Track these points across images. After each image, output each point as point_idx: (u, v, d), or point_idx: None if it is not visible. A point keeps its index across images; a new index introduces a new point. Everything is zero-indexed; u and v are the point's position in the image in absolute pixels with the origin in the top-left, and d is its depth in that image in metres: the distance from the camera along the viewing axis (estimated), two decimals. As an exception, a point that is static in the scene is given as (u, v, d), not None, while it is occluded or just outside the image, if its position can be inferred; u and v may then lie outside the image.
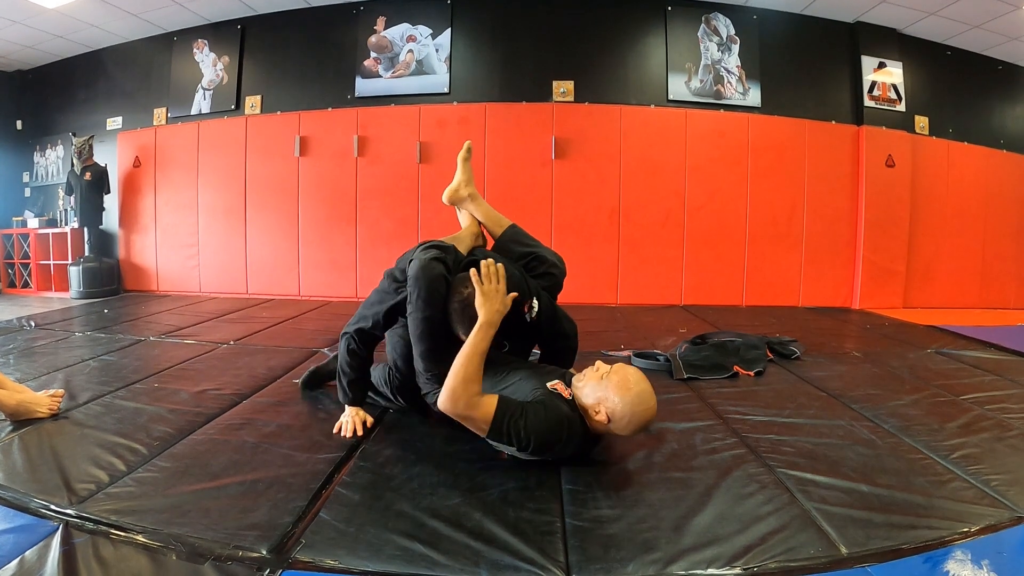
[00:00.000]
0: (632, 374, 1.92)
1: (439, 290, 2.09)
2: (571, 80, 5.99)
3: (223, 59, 6.53)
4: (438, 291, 2.08)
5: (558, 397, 1.95)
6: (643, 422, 1.91)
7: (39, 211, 7.42)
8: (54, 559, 1.37)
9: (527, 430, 1.82)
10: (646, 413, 1.89)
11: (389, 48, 6.18)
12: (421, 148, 6.04)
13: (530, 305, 2.19)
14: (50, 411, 2.32)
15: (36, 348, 3.65)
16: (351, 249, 6.22)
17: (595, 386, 1.92)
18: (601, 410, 1.89)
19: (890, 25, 6.05)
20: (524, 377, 2.06)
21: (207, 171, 6.54)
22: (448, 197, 2.68)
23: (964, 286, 6.39)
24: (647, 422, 1.92)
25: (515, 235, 2.56)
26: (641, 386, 1.90)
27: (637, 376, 1.92)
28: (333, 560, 1.40)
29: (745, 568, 1.39)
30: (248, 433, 2.22)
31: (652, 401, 1.90)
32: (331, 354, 3.12)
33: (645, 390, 1.90)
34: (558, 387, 1.99)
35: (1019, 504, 1.69)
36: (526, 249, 2.50)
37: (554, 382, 2.01)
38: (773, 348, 3.62)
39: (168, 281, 6.72)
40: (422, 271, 2.09)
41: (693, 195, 5.97)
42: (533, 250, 2.49)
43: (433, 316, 2.09)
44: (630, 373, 1.93)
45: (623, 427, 1.89)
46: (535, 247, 2.51)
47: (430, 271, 2.09)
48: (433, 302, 2.08)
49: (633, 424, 1.89)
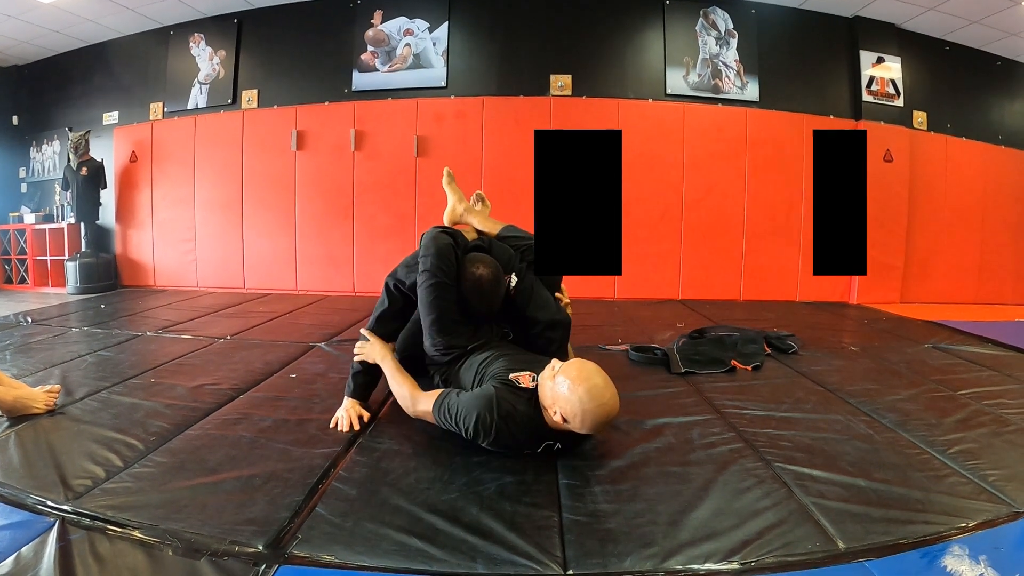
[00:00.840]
0: (583, 370, 1.85)
1: (448, 257, 2.27)
2: (569, 74, 5.97)
3: (219, 53, 6.50)
4: (447, 258, 2.26)
5: (510, 388, 1.96)
6: (600, 419, 1.82)
7: (35, 207, 7.40)
8: (50, 555, 1.37)
9: (459, 416, 1.93)
10: (599, 410, 1.80)
11: (386, 42, 6.16)
12: (418, 142, 6.03)
13: (509, 279, 2.36)
14: (46, 407, 2.31)
15: (32, 344, 3.64)
16: (348, 244, 6.21)
17: (549, 385, 1.88)
18: (556, 410, 1.84)
19: (889, 20, 6.04)
20: (500, 366, 2.11)
21: (204, 166, 6.51)
22: (449, 219, 2.85)
23: (962, 281, 6.39)
24: (605, 419, 1.84)
25: (510, 232, 2.69)
26: (592, 381, 1.82)
27: (588, 371, 1.85)
28: (329, 555, 1.40)
29: (743, 563, 1.39)
30: (245, 428, 2.22)
31: (605, 396, 1.82)
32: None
33: (597, 385, 1.82)
34: (521, 378, 1.99)
35: (1017, 499, 1.69)
36: (522, 242, 2.61)
37: (521, 373, 2.02)
38: (771, 342, 3.62)
39: (165, 276, 6.70)
40: (432, 241, 2.29)
41: (691, 189, 5.96)
42: (528, 242, 2.59)
43: (442, 282, 2.25)
44: (581, 369, 1.86)
45: (579, 426, 1.83)
46: (530, 239, 2.60)
47: (440, 241, 2.28)
48: (443, 268, 2.25)
49: (588, 422, 1.81)
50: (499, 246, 2.54)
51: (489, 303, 2.35)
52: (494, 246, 2.54)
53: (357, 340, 2.47)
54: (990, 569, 1.36)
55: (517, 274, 2.39)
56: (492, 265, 2.35)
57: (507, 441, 1.91)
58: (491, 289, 2.32)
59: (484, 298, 2.33)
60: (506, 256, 2.48)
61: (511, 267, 2.42)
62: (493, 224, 2.72)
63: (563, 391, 1.82)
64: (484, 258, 2.37)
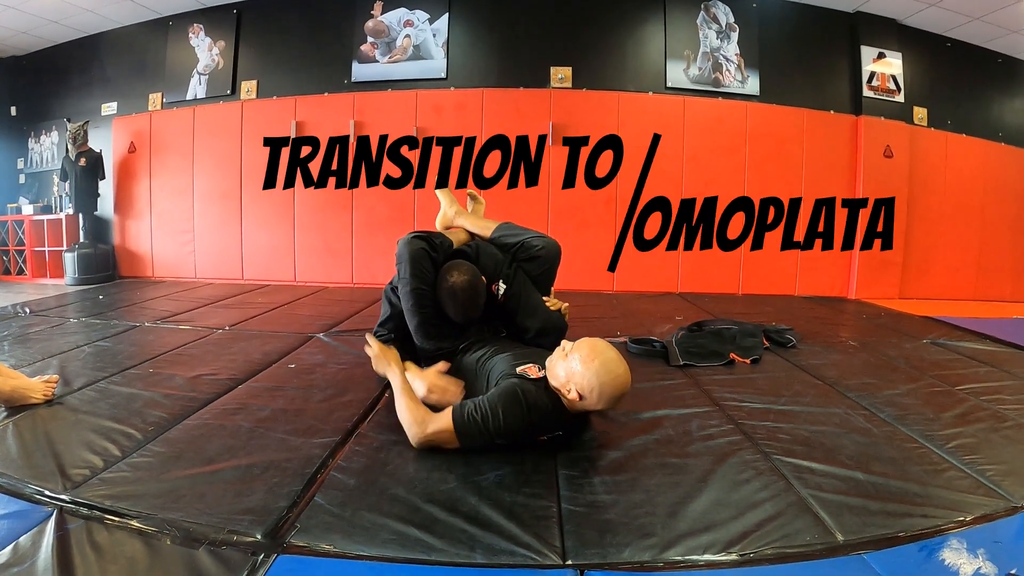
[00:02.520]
0: (595, 346, 1.91)
1: (421, 263, 2.30)
2: (569, 66, 5.96)
3: (219, 44, 6.47)
4: (420, 264, 2.30)
5: (524, 379, 1.96)
6: (615, 393, 1.88)
7: (34, 198, 7.37)
8: (48, 545, 1.36)
9: (490, 419, 1.83)
10: (615, 382, 1.86)
11: (386, 33, 6.13)
12: (418, 133, 6.01)
13: (497, 287, 2.37)
14: (44, 397, 2.31)
15: (31, 334, 3.64)
16: (347, 235, 6.20)
17: (561, 364, 1.92)
18: (571, 388, 1.87)
19: (890, 15, 6.02)
20: (500, 360, 2.12)
21: (202, 156, 6.49)
22: (441, 224, 2.88)
23: (960, 278, 6.39)
24: (620, 392, 1.89)
25: (503, 231, 2.68)
26: (606, 355, 1.88)
27: (601, 347, 1.91)
28: (328, 545, 1.40)
29: (741, 554, 1.39)
30: (243, 418, 2.21)
31: (620, 369, 1.88)
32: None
33: (611, 359, 1.88)
34: (528, 370, 2.01)
35: (1014, 494, 1.69)
36: (514, 240, 2.61)
37: (526, 365, 2.04)
38: (769, 336, 3.62)
39: (163, 267, 6.69)
40: (405, 247, 2.33)
41: (690, 183, 5.94)
42: (520, 239, 2.60)
43: (419, 288, 2.29)
44: (593, 345, 1.91)
45: (595, 401, 1.87)
46: (522, 235, 2.61)
47: (412, 247, 2.33)
48: (418, 274, 2.29)
49: (605, 397, 1.86)
50: (487, 252, 2.52)
51: (465, 311, 2.35)
52: (481, 252, 2.51)
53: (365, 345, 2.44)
54: (988, 563, 1.36)
55: (505, 280, 2.39)
56: (468, 272, 2.34)
57: (534, 432, 1.92)
58: (466, 298, 2.32)
59: (459, 307, 2.33)
60: (493, 262, 2.47)
61: (499, 274, 2.42)
62: (486, 225, 2.71)
63: (578, 367, 1.86)
64: (461, 265, 2.37)
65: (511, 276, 2.44)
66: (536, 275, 2.58)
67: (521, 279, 2.46)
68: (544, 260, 2.57)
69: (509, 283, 2.41)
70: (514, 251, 2.57)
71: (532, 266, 2.57)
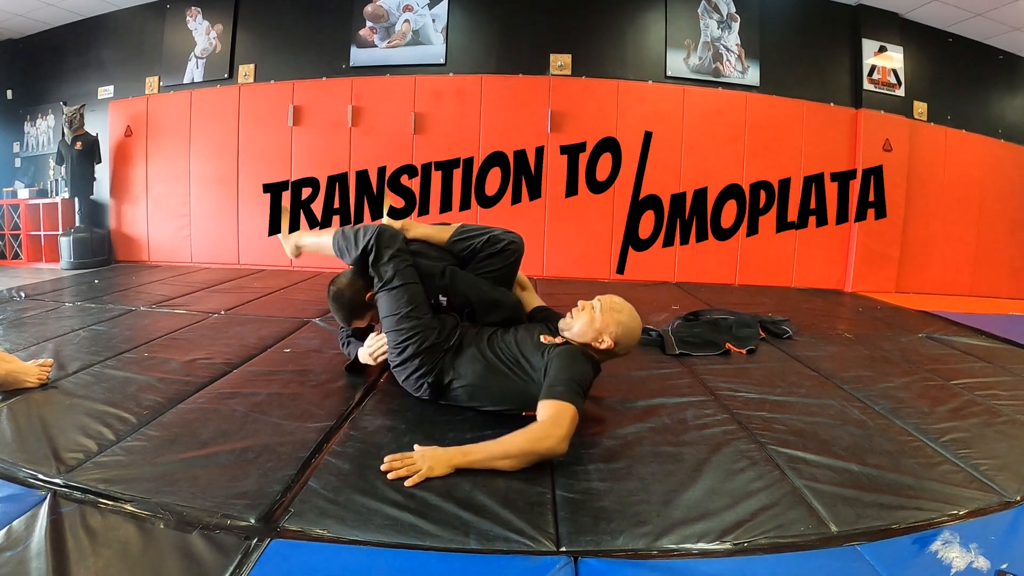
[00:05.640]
0: (615, 299, 2.15)
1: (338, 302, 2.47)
2: (569, 53, 5.92)
3: (216, 27, 6.41)
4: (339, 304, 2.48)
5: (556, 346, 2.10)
6: (636, 337, 2.17)
7: (29, 181, 7.32)
8: (42, 528, 1.36)
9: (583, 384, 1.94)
10: (638, 327, 2.16)
11: (385, 17, 6.09)
12: (416, 119, 5.98)
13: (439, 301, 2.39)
14: (39, 381, 2.30)
15: (26, 318, 3.62)
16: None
17: (589, 320, 2.08)
18: (605, 339, 2.05)
19: (892, 9, 5.99)
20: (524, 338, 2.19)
21: (199, 140, 6.44)
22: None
23: (957, 273, 6.40)
24: (638, 335, 2.19)
25: (461, 233, 2.60)
26: (627, 306, 2.14)
27: (619, 299, 2.16)
28: (322, 529, 1.40)
29: (735, 543, 1.40)
30: (238, 402, 2.21)
31: (637, 315, 2.15)
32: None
33: (630, 307, 2.15)
34: (547, 339, 2.15)
35: (1007, 489, 1.70)
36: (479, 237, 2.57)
37: (542, 335, 2.18)
38: (766, 327, 3.62)
39: (159, 251, 6.66)
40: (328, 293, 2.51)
41: (689, 172, 5.93)
42: (487, 234, 2.57)
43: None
44: (612, 298, 2.15)
45: (625, 346, 2.12)
46: (488, 231, 2.58)
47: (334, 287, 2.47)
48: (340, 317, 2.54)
49: (631, 340, 2.13)
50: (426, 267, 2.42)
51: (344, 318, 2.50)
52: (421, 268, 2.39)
53: None
54: (980, 557, 1.37)
55: (444, 293, 2.40)
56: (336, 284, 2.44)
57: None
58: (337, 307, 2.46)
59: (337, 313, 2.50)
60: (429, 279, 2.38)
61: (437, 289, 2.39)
62: (440, 230, 2.63)
63: (611, 318, 2.07)
64: (338, 277, 2.46)
65: (447, 286, 2.41)
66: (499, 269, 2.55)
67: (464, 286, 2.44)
68: (511, 252, 2.54)
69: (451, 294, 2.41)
70: (477, 248, 2.53)
71: (497, 260, 2.53)
